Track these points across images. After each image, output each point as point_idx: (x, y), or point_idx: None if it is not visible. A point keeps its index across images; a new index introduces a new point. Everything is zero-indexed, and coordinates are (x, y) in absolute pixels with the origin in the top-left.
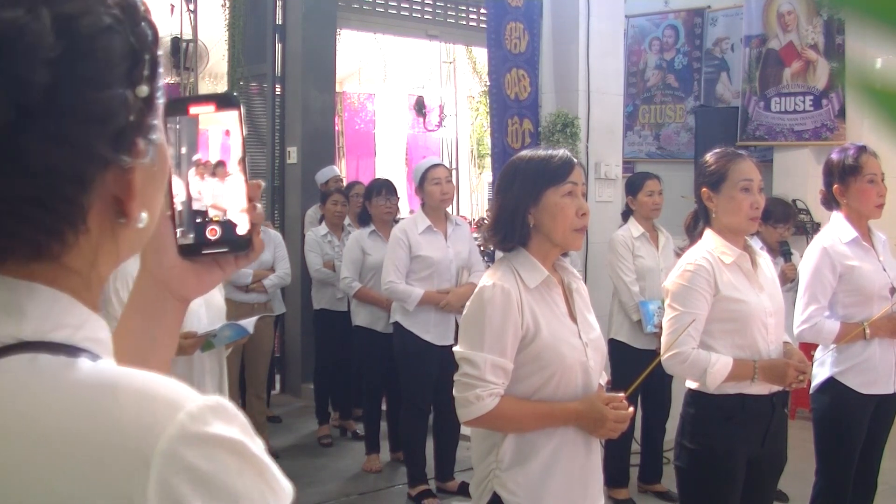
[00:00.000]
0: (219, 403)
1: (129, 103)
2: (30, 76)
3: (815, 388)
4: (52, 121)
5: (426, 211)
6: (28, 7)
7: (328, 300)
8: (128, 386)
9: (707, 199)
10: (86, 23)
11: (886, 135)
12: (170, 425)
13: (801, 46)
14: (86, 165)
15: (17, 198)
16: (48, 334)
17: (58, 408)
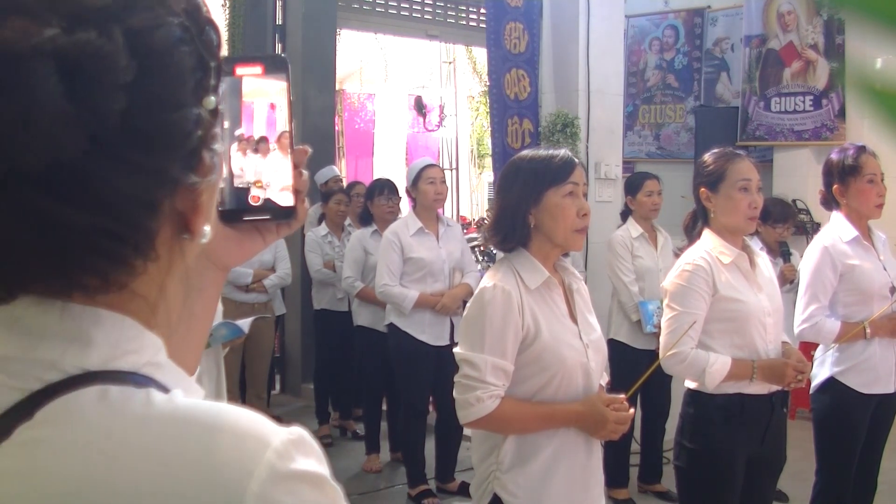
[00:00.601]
0: (299, 436)
1: (200, 119)
2: (105, 104)
3: (815, 388)
4: (125, 148)
5: (418, 211)
6: (100, 27)
7: (329, 300)
8: (211, 424)
9: (705, 199)
10: (158, 37)
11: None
12: (259, 466)
13: (801, 46)
14: (158, 191)
15: (88, 229)
16: (114, 362)
17: (140, 451)
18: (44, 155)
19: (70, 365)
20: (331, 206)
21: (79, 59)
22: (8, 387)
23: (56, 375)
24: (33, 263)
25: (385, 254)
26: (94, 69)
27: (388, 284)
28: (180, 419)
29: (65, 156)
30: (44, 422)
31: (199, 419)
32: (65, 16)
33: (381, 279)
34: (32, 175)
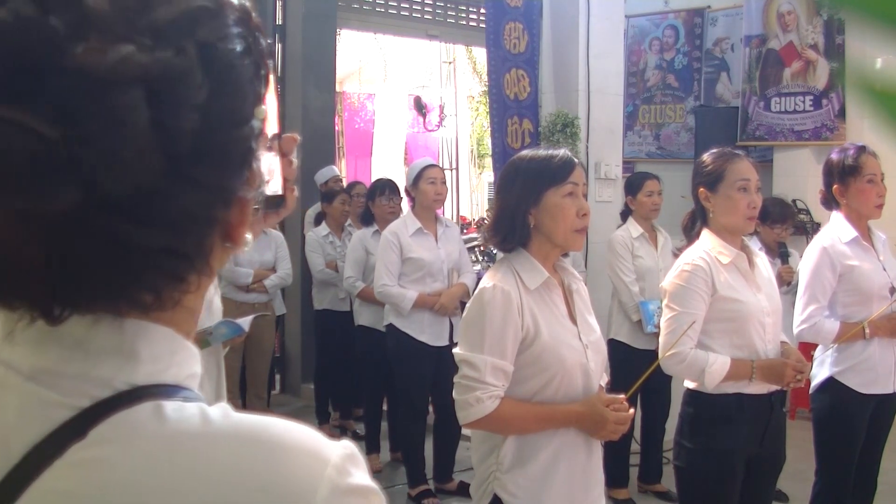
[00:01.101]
0: (351, 451)
1: (256, 132)
2: (182, 125)
3: (814, 388)
4: (193, 166)
5: (416, 212)
6: (176, 44)
7: (330, 300)
8: (272, 441)
9: (704, 199)
10: (224, 51)
11: (886, 135)
12: (322, 483)
13: (801, 46)
14: (219, 207)
15: (154, 248)
16: (158, 376)
17: (203, 471)
18: (128, 182)
19: (118, 380)
20: (335, 205)
21: (162, 81)
22: (55, 403)
23: (105, 392)
24: (98, 282)
25: (384, 254)
26: (175, 91)
27: (386, 284)
28: (241, 436)
29: (146, 180)
30: (99, 441)
31: (259, 436)
32: (142, 31)
33: (379, 279)
34: (113, 199)
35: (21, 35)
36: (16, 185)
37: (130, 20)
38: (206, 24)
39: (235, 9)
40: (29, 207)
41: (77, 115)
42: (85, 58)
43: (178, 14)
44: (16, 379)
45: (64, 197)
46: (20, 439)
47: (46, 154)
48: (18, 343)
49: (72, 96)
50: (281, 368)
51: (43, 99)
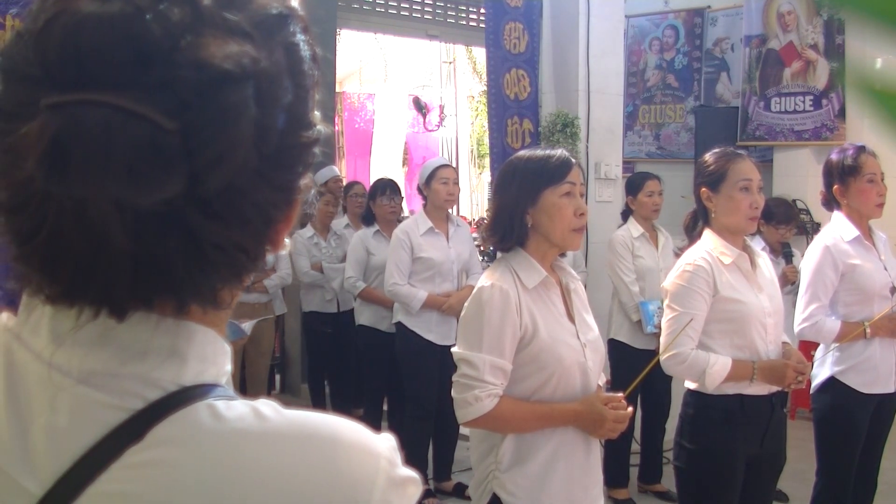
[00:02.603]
0: (394, 443)
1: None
2: (273, 125)
3: (815, 388)
4: (273, 167)
5: (428, 211)
6: (266, 45)
7: (318, 302)
8: (328, 437)
9: (706, 199)
10: (299, 54)
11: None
12: (379, 475)
13: (801, 46)
14: (283, 207)
15: (224, 245)
16: (202, 375)
17: (267, 469)
18: (226, 178)
19: (168, 381)
20: (320, 206)
21: (265, 79)
22: (107, 405)
23: (156, 392)
24: (172, 278)
25: (395, 252)
26: (273, 90)
27: (397, 283)
28: (299, 434)
29: (239, 178)
30: (158, 442)
31: (316, 433)
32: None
33: (389, 278)
34: (204, 196)
35: (138, 25)
36: (124, 174)
37: (230, 17)
38: (285, 28)
39: (300, 18)
40: (135, 197)
41: (193, 108)
42: (201, 50)
43: (264, 16)
44: (67, 382)
45: (170, 189)
46: (74, 442)
47: (161, 145)
48: (67, 345)
49: (188, 89)
50: (281, 368)
51: (159, 89)
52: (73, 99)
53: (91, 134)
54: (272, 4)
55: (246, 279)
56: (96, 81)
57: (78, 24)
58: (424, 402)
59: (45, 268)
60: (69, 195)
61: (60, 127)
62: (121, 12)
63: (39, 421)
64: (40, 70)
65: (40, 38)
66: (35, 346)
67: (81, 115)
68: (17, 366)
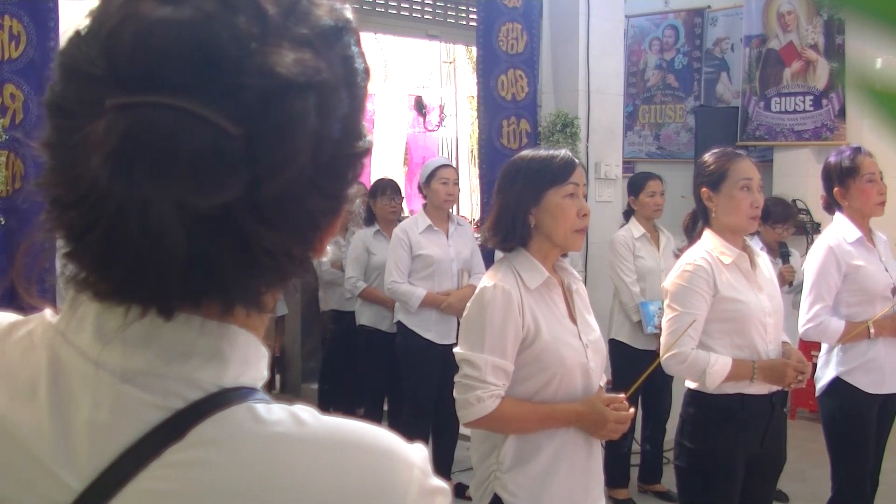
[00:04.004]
0: (426, 453)
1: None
2: (330, 134)
3: (821, 391)
4: (325, 176)
5: (428, 210)
6: (325, 55)
7: (337, 300)
8: (364, 445)
9: (707, 198)
10: (354, 67)
11: (886, 135)
12: (412, 485)
13: (801, 46)
14: (331, 215)
15: (274, 250)
16: (241, 378)
17: (304, 473)
18: (282, 186)
19: (208, 383)
20: None
21: (326, 89)
22: (149, 404)
23: (198, 394)
24: (221, 281)
25: (394, 250)
26: (331, 100)
27: (396, 281)
28: (336, 440)
29: (294, 186)
30: (199, 442)
31: (353, 440)
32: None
33: (389, 276)
34: (262, 202)
35: (207, 31)
36: (189, 177)
37: (293, 27)
38: (341, 39)
39: (355, 31)
40: (197, 200)
41: (257, 115)
42: (268, 59)
43: (324, 28)
44: (110, 379)
45: (229, 193)
46: (114, 440)
47: (225, 150)
48: (112, 342)
49: (254, 96)
50: (281, 368)
51: (225, 95)
52: (141, 101)
53: (158, 135)
54: (329, 16)
55: (290, 284)
56: (165, 84)
57: (149, 27)
58: (422, 400)
59: (98, 265)
60: (133, 195)
61: (128, 127)
62: (191, 18)
63: (82, 417)
64: (107, 71)
65: (110, 39)
66: (79, 343)
67: (150, 116)
68: (61, 362)
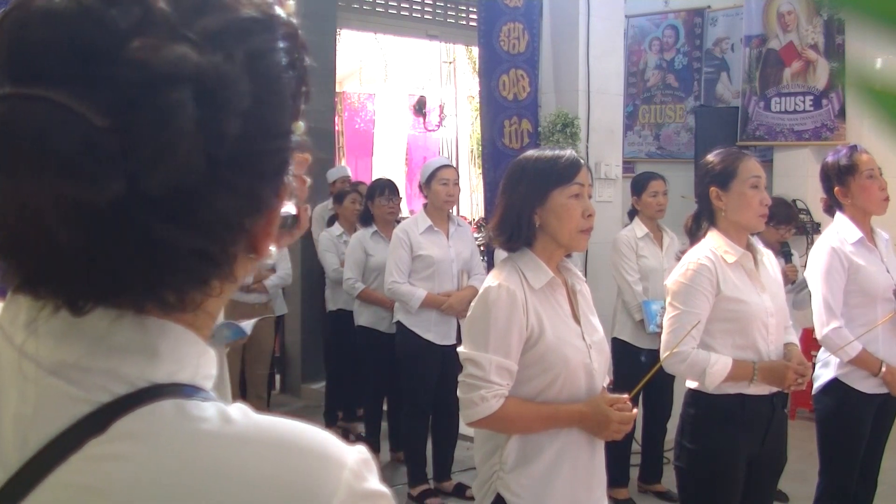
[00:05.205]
0: (366, 456)
1: (293, 145)
2: (225, 130)
3: (818, 389)
4: (231, 172)
5: (428, 211)
6: (225, 50)
7: (345, 300)
8: (292, 444)
9: (716, 197)
10: (270, 62)
11: (886, 135)
12: (340, 487)
13: (801, 46)
14: (250, 215)
15: (185, 249)
16: (177, 375)
17: (225, 471)
18: (170, 180)
19: (139, 378)
20: (346, 205)
21: (211, 83)
22: (75, 398)
23: (125, 388)
24: (126, 278)
25: (394, 251)
26: (222, 95)
27: (396, 282)
28: (262, 438)
29: (187, 181)
30: (120, 436)
31: (279, 439)
32: (197, 34)
33: (389, 276)
34: (153, 197)
35: (82, 23)
36: (61, 170)
37: (187, 23)
38: (256, 34)
39: (284, 24)
40: (72, 194)
41: (128, 107)
42: (141, 52)
43: (231, 22)
44: (37, 372)
45: (109, 187)
46: (38, 432)
47: (95, 142)
48: (41, 335)
49: (124, 88)
50: (281, 368)
51: (96, 87)
52: (12, 92)
53: (28, 128)
54: (246, 11)
55: (216, 285)
56: (38, 76)
57: (27, 18)
58: (420, 400)
59: (6, 257)
60: (10, 188)
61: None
62: (66, 9)
63: (10, 410)
64: None
65: None
66: (12, 335)
67: (21, 108)
68: None
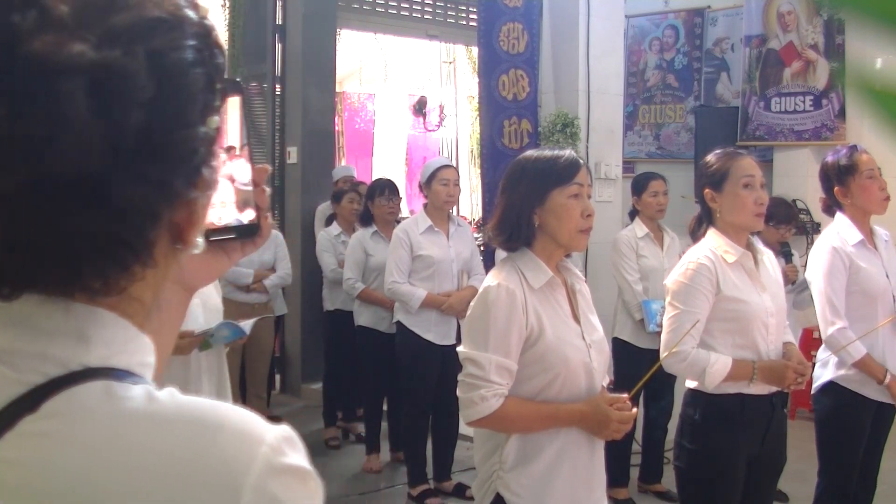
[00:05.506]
0: (289, 433)
1: (204, 137)
2: (126, 119)
3: (817, 389)
4: (138, 161)
5: (429, 211)
6: (125, 47)
7: (343, 300)
8: (210, 421)
9: (710, 199)
10: (175, 59)
11: (886, 135)
12: (256, 460)
13: (801, 46)
14: (162, 203)
15: (99, 234)
16: (110, 360)
17: (144, 447)
18: (71, 164)
19: (71, 361)
20: (343, 204)
21: (105, 75)
22: (11, 379)
23: (58, 370)
24: (44, 263)
25: (394, 251)
26: (118, 86)
27: (396, 282)
28: (181, 417)
29: (90, 166)
30: (49, 415)
31: (198, 416)
32: (94, 34)
33: (389, 276)
34: (58, 182)
35: None
36: None
37: (87, 24)
38: (160, 33)
39: (195, 24)
40: None
41: (24, 97)
42: (38, 48)
43: (134, 22)
44: None
45: (15, 172)
46: None
47: None
48: None
49: (22, 80)
50: (281, 368)
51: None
52: None
53: None
54: (153, 12)
55: (138, 270)
56: None
57: None
58: (420, 401)
59: None
60: None
61: None
62: None
63: None
64: None
65: None
66: None
67: None
68: None
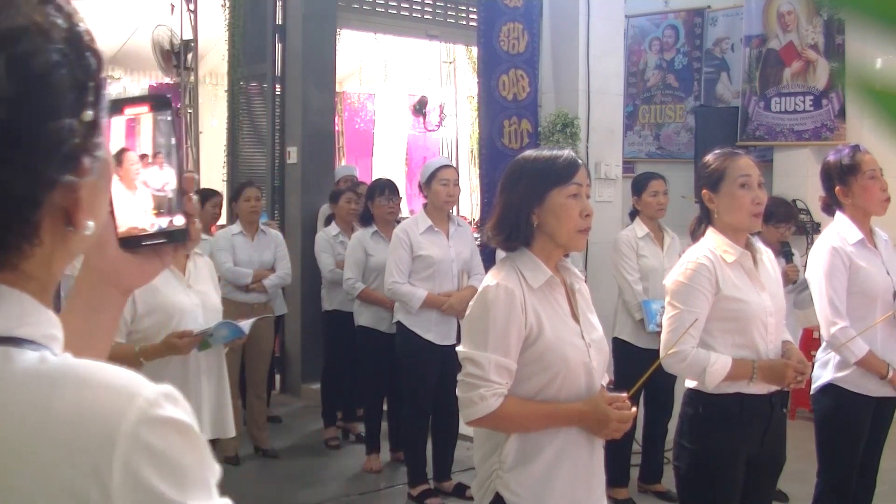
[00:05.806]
0: (171, 391)
1: (75, 129)
2: None
3: (816, 389)
4: (6, 151)
5: (428, 211)
6: None
7: (340, 301)
8: (93, 377)
9: (708, 200)
10: (36, 62)
11: (886, 135)
12: (131, 410)
13: (801, 46)
14: (37, 188)
15: None
16: (13, 331)
17: (27, 403)
18: None
19: None
20: (341, 204)
21: None
22: None
23: None
24: None
25: (394, 251)
26: None
27: (396, 282)
28: (66, 375)
29: None
30: None
31: (81, 375)
32: None
33: (389, 276)
34: None
35: None
36: None
37: None
38: (20, 43)
39: (63, 31)
40: None
41: None
42: None
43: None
44: None
45: None
46: None
47: None
48: None
49: None
50: (281, 368)
51: None
52: None
53: None
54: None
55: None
56: None
57: None
58: (421, 401)
59: None
60: None
61: None
62: None
63: None
64: None
65: None
66: None
67: None
68: None
